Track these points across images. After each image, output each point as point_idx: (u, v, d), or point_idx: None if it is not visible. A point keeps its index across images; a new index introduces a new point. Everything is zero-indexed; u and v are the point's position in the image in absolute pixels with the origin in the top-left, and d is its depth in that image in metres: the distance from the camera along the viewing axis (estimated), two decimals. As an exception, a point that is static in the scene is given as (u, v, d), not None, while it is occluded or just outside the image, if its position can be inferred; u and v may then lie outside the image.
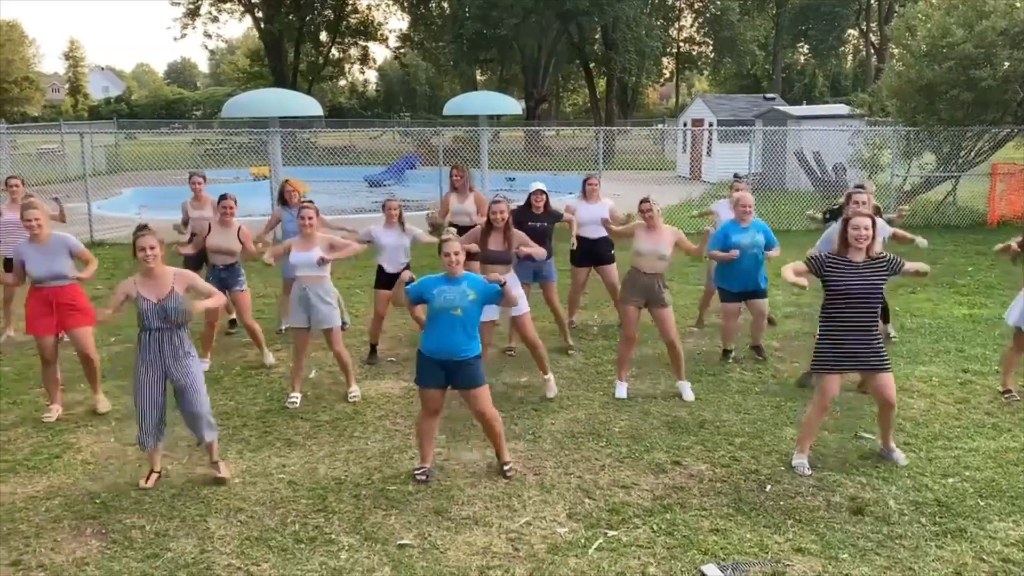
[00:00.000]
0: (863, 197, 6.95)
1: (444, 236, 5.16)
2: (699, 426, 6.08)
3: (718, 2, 42.78)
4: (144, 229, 5.03)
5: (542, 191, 7.73)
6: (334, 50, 47.02)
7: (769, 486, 5.11)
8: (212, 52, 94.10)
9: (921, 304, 9.65)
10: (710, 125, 24.87)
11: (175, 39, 53.76)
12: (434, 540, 4.50)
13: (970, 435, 5.87)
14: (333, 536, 4.55)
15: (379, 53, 66.02)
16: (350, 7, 44.89)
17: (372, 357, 7.73)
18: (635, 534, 4.56)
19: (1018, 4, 15.32)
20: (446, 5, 41.98)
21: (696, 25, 49.64)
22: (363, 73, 62.97)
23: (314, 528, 4.64)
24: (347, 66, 50.93)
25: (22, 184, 8.60)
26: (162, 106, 70.42)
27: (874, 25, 50.39)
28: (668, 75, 56.52)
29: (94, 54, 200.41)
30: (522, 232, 6.72)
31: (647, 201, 6.59)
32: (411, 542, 4.49)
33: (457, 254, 5.03)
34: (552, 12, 31.97)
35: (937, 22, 15.18)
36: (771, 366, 7.47)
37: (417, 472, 5.24)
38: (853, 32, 58.67)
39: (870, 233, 5.11)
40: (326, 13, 44.37)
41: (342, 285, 9.27)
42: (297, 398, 6.61)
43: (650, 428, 6.06)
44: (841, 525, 4.63)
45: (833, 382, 5.26)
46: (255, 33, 47.97)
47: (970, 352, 7.80)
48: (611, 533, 4.57)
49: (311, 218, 6.53)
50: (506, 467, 5.28)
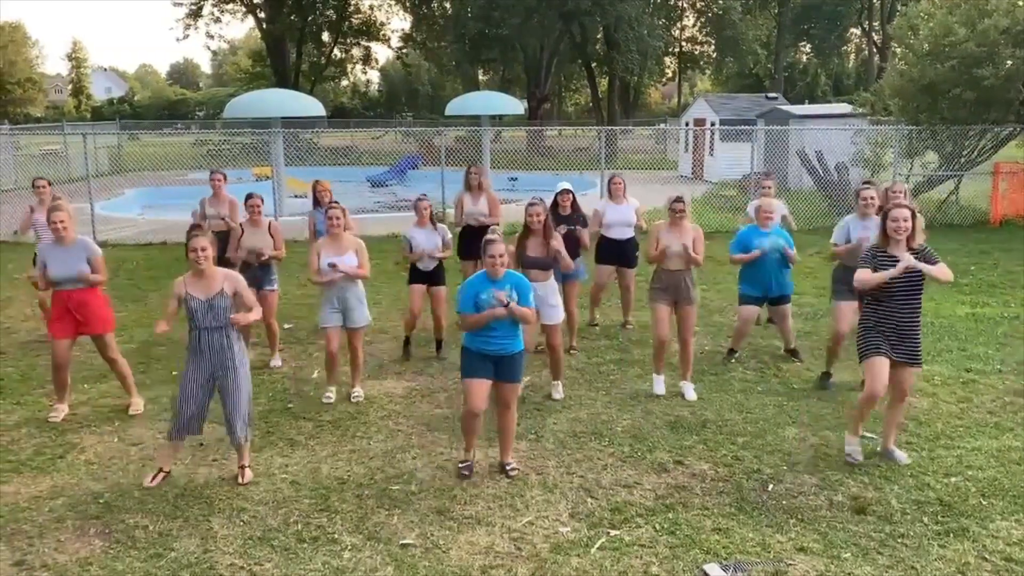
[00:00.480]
0: (899, 188, 7.12)
1: (488, 236, 5.13)
2: (701, 425, 6.08)
3: (720, 1, 42.74)
4: (197, 229, 5.07)
5: (568, 191, 7.72)
6: (336, 50, 46.98)
7: (771, 485, 5.12)
8: (214, 53, 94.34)
9: (923, 303, 9.59)
10: (712, 125, 24.84)
11: (178, 40, 53.56)
12: (436, 540, 4.51)
13: (972, 434, 5.87)
14: (336, 536, 4.56)
15: (381, 53, 65.77)
16: (352, 7, 44.86)
17: (407, 351, 7.79)
18: (637, 533, 4.57)
19: (1020, 3, 15.32)
20: (448, 5, 41.99)
21: (698, 24, 49.70)
22: (365, 73, 62.95)
23: (317, 528, 4.65)
24: (349, 66, 50.91)
25: (49, 185, 8.58)
26: (165, 107, 70.57)
27: (876, 24, 50.40)
28: (670, 75, 56.56)
29: (97, 55, 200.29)
30: (559, 236, 6.65)
31: (680, 200, 6.54)
32: (414, 542, 4.50)
33: (501, 256, 5.05)
34: (554, 12, 31.98)
35: (939, 21, 15.17)
36: (773, 366, 7.47)
37: (462, 466, 5.29)
38: (855, 31, 58.69)
39: (909, 225, 5.08)
40: (328, 13, 44.35)
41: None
42: (332, 393, 6.68)
43: (652, 428, 6.06)
44: (843, 524, 4.63)
45: (878, 363, 5.12)
46: (257, 34, 48.04)
47: (972, 351, 7.80)
48: (613, 532, 4.58)
49: (338, 218, 6.47)
50: (508, 467, 5.30)
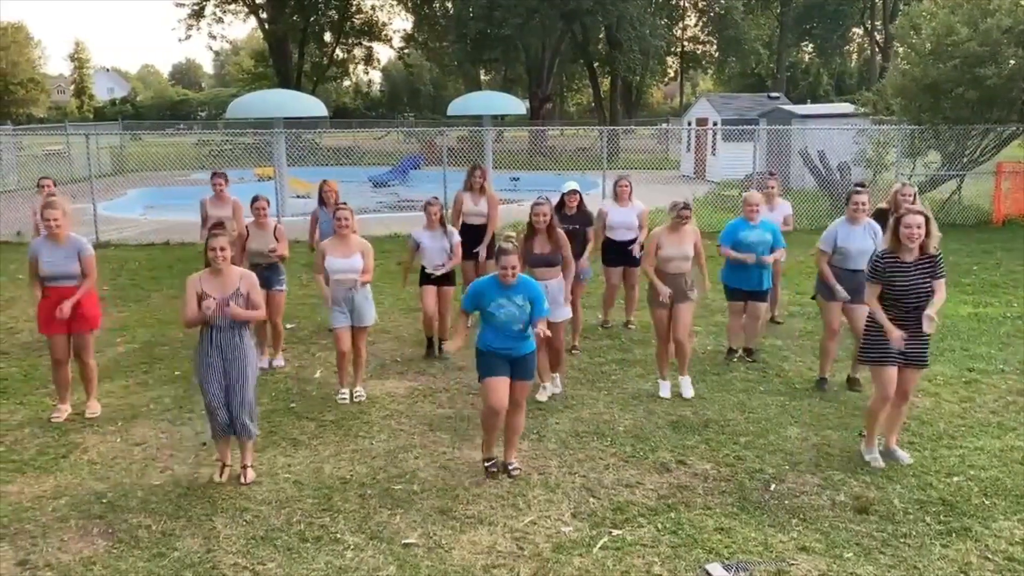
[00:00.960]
0: (909, 191, 7.14)
1: (502, 244, 5.10)
2: (703, 425, 6.08)
3: (722, 1, 42.69)
4: (219, 228, 5.08)
5: (576, 192, 7.73)
6: (338, 51, 46.94)
7: (773, 485, 5.12)
8: (217, 53, 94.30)
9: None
10: (714, 124, 24.82)
11: (180, 40, 54.24)
12: (439, 539, 4.52)
13: (975, 434, 5.87)
14: (338, 535, 4.57)
15: (383, 53, 65.91)
16: (354, 7, 44.84)
17: (431, 350, 7.79)
18: (639, 533, 4.57)
19: (1023, 2, 15.29)
20: (450, 5, 41.93)
21: (700, 24, 49.56)
22: (367, 74, 62.87)
23: (319, 527, 4.66)
24: (351, 67, 50.86)
25: (53, 184, 8.76)
26: (167, 107, 70.55)
27: (879, 24, 50.31)
28: (672, 74, 56.44)
29: (99, 55, 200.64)
30: (565, 235, 6.64)
31: (687, 208, 6.56)
32: (416, 541, 4.50)
33: (514, 268, 5.02)
34: (556, 11, 31.93)
35: (942, 20, 15.16)
36: (775, 365, 7.47)
37: (488, 464, 5.30)
38: (858, 31, 58.56)
39: (923, 231, 5.04)
40: (330, 14, 44.31)
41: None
42: (347, 393, 6.68)
43: (654, 427, 6.06)
44: (845, 524, 4.63)
45: (888, 372, 5.20)
46: (259, 34, 48.05)
47: (975, 351, 7.79)
48: (616, 532, 4.58)
49: (347, 219, 6.46)
50: (511, 466, 5.31)
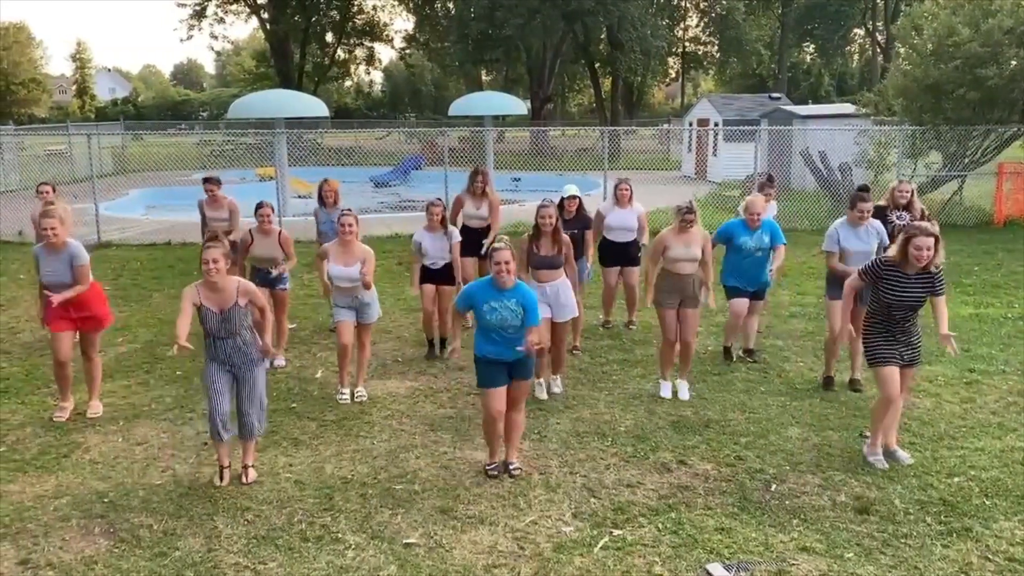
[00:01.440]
0: (906, 187, 7.38)
1: (496, 244, 5.07)
2: (704, 425, 6.09)
3: (723, 1, 42.70)
4: (213, 241, 5.02)
5: (575, 196, 7.76)
6: (340, 51, 46.99)
7: (774, 485, 5.12)
8: (218, 53, 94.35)
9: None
10: (715, 125, 24.82)
11: (181, 40, 54.30)
12: (440, 539, 4.52)
13: (976, 434, 5.87)
14: (339, 535, 4.58)
15: (384, 54, 66.01)
16: (356, 8, 44.89)
17: (431, 352, 7.79)
18: (640, 533, 4.58)
19: (1024, 2, 15.28)
20: (451, 6, 41.96)
21: (701, 25, 49.64)
22: (369, 74, 62.95)
23: (321, 527, 4.66)
24: (353, 67, 50.90)
25: (52, 190, 8.52)
26: (168, 107, 70.55)
27: (880, 24, 50.31)
28: (673, 75, 56.44)
29: (100, 55, 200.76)
30: (568, 239, 6.64)
31: (692, 211, 6.53)
32: (417, 541, 4.51)
33: (508, 263, 4.94)
34: (557, 12, 31.93)
35: (943, 21, 15.14)
36: (776, 366, 7.47)
37: (490, 467, 5.31)
38: (859, 31, 58.57)
39: (932, 253, 5.09)
40: (332, 14, 44.36)
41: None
42: (347, 392, 6.68)
43: (655, 427, 6.06)
44: (846, 524, 4.64)
45: (894, 373, 5.24)
46: (261, 34, 48.07)
47: (976, 351, 7.79)
48: (616, 532, 4.59)
49: (351, 226, 6.42)
50: (512, 466, 5.31)
